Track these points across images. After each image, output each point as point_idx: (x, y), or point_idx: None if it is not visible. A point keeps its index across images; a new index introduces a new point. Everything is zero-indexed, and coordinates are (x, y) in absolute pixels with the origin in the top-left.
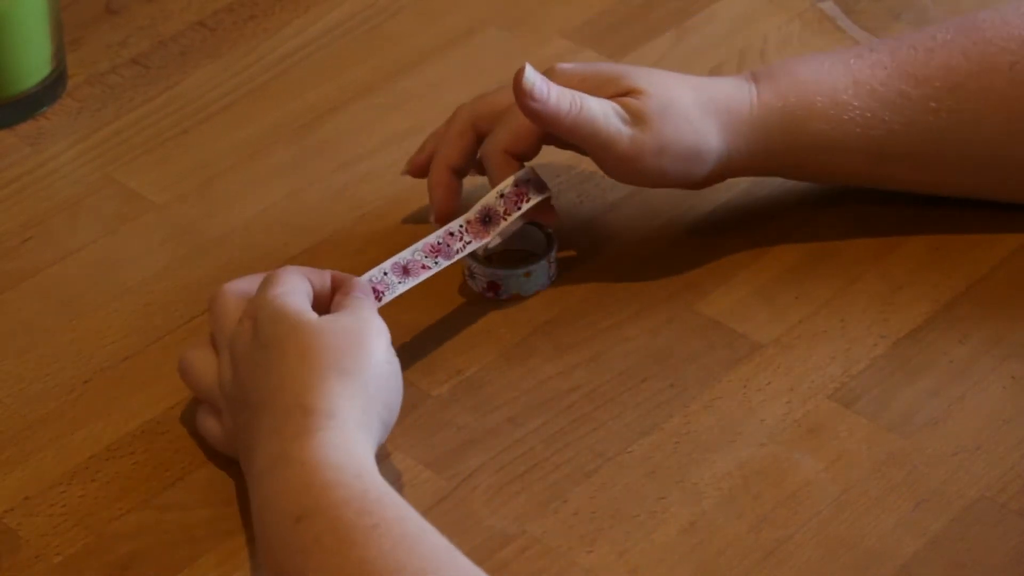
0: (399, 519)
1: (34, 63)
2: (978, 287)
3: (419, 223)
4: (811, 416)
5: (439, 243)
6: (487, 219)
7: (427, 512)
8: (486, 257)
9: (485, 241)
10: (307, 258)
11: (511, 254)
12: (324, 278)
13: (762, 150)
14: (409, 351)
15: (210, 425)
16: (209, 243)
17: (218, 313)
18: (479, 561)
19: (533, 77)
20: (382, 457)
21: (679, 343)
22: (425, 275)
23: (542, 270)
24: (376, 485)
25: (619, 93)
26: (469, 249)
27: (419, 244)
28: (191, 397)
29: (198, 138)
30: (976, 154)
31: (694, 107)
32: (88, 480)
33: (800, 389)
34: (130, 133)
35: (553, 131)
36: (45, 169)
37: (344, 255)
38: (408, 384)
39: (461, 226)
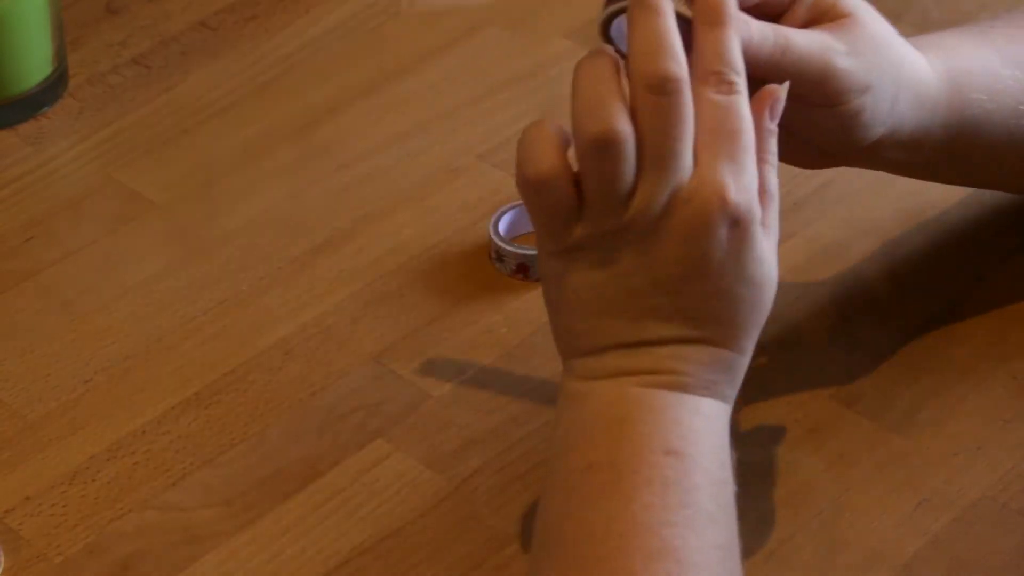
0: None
1: (35, 63)
2: (979, 287)
3: (420, 223)
4: (812, 416)
5: None
6: None
7: (428, 512)
8: (513, 239)
9: None
10: (307, 258)
11: None
12: None
13: (925, 126)
14: (410, 351)
15: (564, 195)
16: (209, 243)
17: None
18: (480, 561)
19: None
20: (382, 457)
21: None
22: None
23: None
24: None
25: (828, 17)
26: None
27: None
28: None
29: (199, 138)
30: None
31: (900, 46)
32: (89, 480)
33: (801, 389)
34: (131, 133)
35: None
36: (46, 169)
37: (344, 255)
38: (409, 384)
39: None
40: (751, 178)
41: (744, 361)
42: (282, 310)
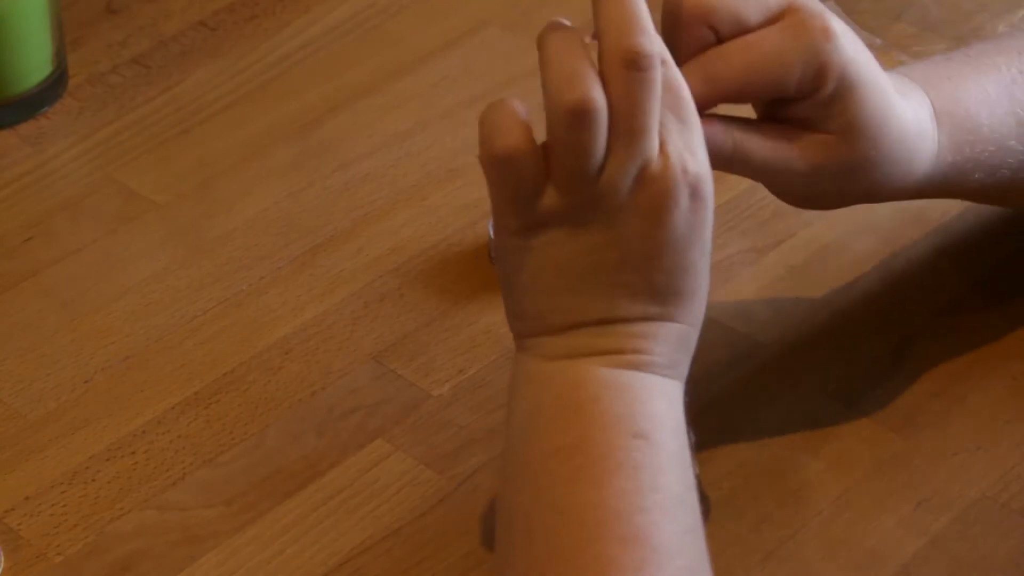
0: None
1: (35, 63)
2: (979, 287)
3: (419, 223)
4: (812, 416)
5: None
6: None
7: (428, 512)
8: None
9: None
10: (307, 258)
11: None
12: None
13: (913, 190)
14: (409, 351)
15: (532, 171)
16: (209, 243)
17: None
18: (480, 561)
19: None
20: (382, 457)
21: None
22: None
23: None
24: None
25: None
26: None
27: None
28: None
29: (198, 138)
30: None
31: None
32: (88, 480)
33: (801, 389)
34: (131, 133)
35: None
36: (46, 169)
37: (344, 255)
38: (408, 384)
39: None
40: (702, 146)
41: (697, 337)
42: (282, 310)
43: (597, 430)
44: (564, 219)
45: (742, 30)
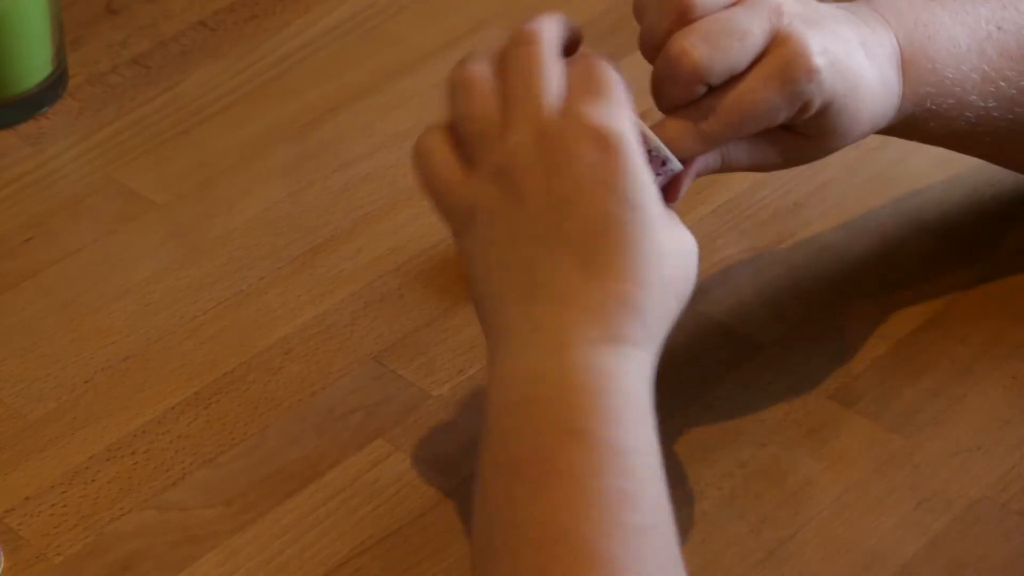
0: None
1: (35, 63)
2: (979, 287)
3: (420, 223)
4: (812, 416)
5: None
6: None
7: (428, 512)
8: None
9: None
10: (307, 258)
11: None
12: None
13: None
14: (409, 351)
15: (443, 159)
16: (209, 243)
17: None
18: None
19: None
20: (382, 458)
21: (679, 343)
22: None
23: None
24: (656, 471)
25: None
26: None
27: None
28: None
29: (198, 138)
30: None
31: (860, 49)
32: (88, 480)
33: (801, 389)
34: (131, 133)
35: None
36: (46, 169)
37: (344, 255)
38: (408, 384)
39: None
40: (619, 109)
41: (653, 299)
42: (282, 310)
43: (529, 435)
44: (485, 204)
45: (732, 77)
